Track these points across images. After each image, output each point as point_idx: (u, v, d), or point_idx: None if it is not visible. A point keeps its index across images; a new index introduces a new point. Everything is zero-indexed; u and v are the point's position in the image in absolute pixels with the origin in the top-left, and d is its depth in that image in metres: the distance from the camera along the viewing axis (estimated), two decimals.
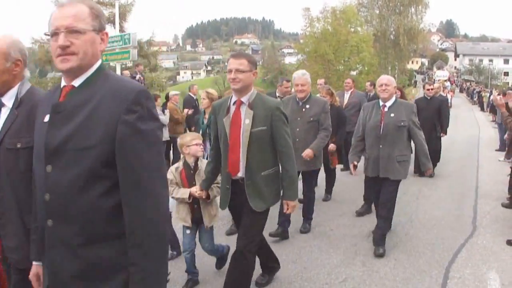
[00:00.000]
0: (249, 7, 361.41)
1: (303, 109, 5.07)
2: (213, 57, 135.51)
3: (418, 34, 41.77)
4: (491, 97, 21.26)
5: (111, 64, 12.90)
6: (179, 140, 3.97)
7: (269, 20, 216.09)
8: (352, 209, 6.21)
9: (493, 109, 19.83)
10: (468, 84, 53.51)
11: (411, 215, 6.04)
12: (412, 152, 5.06)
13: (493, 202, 6.68)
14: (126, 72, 13.90)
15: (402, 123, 4.60)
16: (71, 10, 1.60)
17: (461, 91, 50.52)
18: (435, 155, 8.22)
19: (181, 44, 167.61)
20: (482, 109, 29.52)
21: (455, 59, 79.97)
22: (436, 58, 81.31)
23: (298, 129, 4.97)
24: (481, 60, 71.27)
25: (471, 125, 19.54)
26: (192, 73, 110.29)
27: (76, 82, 1.65)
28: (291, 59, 71.64)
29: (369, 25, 41.38)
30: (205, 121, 5.37)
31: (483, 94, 32.56)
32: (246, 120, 3.17)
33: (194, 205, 3.77)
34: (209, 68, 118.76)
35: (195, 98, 10.72)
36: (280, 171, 3.37)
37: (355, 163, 4.91)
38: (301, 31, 38.41)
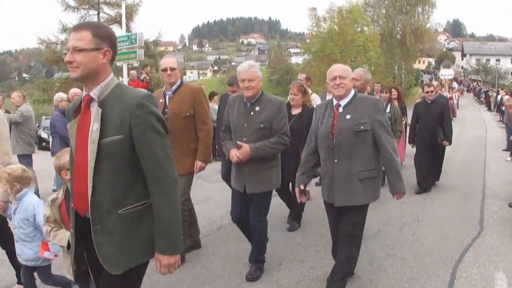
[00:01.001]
0: (256, 7, 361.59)
1: (251, 112, 3.84)
2: (219, 57, 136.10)
3: (425, 34, 41.49)
4: (499, 98, 21.20)
5: (118, 64, 12.95)
6: (54, 161, 2.92)
7: (276, 20, 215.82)
8: None
9: (500, 109, 19.77)
10: (475, 84, 53.37)
11: (418, 215, 6.04)
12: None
13: (500, 202, 6.66)
14: (133, 72, 13.99)
15: (362, 127, 3.43)
16: None
17: (468, 91, 50.36)
18: (436, 169, 7.59)
19: (187, 44, 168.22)
20: (489, 109, 29.46)
21: (462, 59, 79.60)
22: (443, 57, 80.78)
23: (244, 139, 3.81)
24: (488, 60, 71.00)
25: (478, 125, 19.47)
26: (198, 73, 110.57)
27: None
28: (297, 59, 71.77)
29: (375, 24, 41.20)
30: None
31: (490, 94, 32.45)
32: (94, 125, 2.03)
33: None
34: (215, 68, 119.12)
35: None
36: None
37: (302, 186, 3.76)
38: (308, 31, 38.38)
